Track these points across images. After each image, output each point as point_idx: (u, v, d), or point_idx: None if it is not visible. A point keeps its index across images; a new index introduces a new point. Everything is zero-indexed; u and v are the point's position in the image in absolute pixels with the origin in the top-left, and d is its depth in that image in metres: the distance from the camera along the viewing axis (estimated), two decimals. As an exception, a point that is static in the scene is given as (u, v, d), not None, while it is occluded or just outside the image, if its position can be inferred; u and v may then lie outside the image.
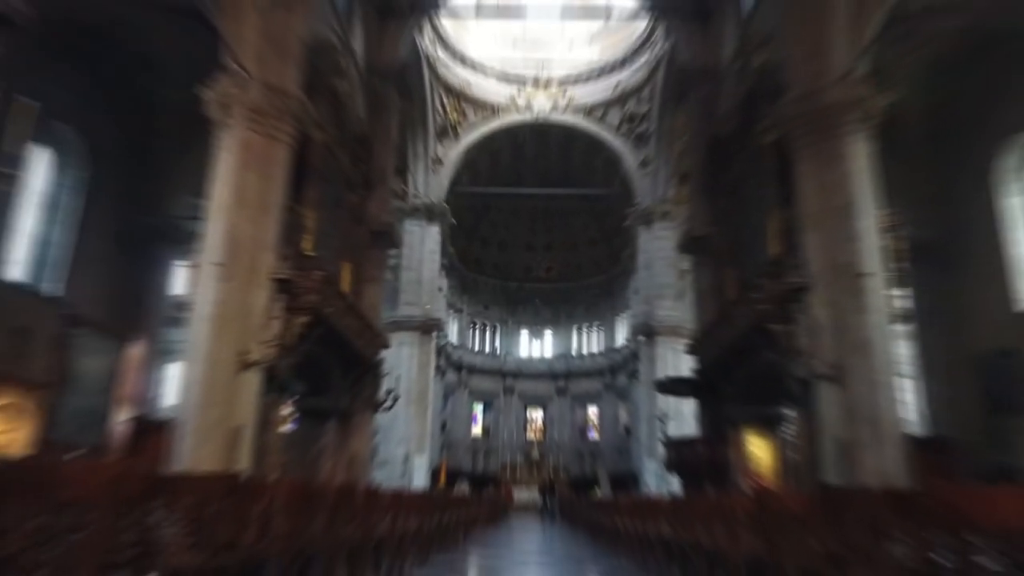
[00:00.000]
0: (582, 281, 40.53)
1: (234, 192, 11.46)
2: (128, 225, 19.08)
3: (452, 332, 37.77)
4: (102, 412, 11.60)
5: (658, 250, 28.75)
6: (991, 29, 15.64)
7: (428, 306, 28.76)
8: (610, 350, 39.02)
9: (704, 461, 16.32)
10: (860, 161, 11.60)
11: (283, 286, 11.94)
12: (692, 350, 18.13)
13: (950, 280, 17.81)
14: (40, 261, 16.61)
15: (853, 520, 3.30)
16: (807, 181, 11.90)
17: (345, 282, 16.36)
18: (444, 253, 32.38)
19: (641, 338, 28.96)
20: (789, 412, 14.37)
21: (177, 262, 19.51)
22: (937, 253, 17.94)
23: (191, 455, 10.02)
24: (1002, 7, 14.76)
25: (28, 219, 16.37)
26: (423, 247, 29.43)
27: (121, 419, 14.16)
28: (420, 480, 26.31)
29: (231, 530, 3.31)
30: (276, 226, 12.18)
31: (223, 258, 11.08)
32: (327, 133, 14.53)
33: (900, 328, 12.24)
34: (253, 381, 11.26)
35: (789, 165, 12.58)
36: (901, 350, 11.86)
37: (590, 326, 41.03)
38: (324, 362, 15.06)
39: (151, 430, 11.13)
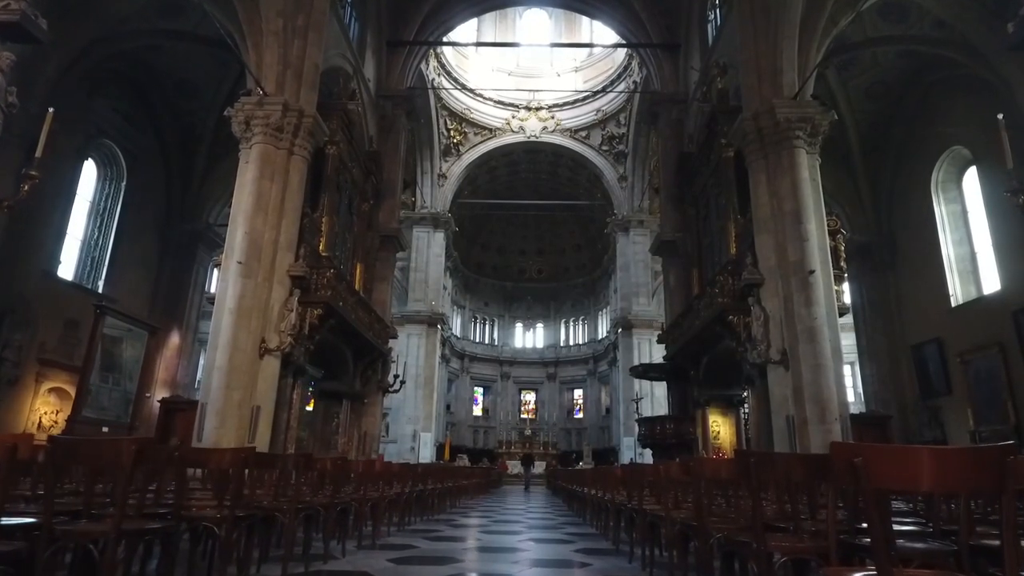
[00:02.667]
0: (569, 281, 40.23)
1: (254, 199, 11.17)
2: (169, 230, 18.78)
3: (456, 325, 37.44)
4: (135, 395, 11.31)
5: (634, 254, 28.52)
6: (924, 57, 15.37)
7: (433, 302, 28.49)
8: (593, 341, 38.71)
9: (672, 436, 16.07)
10: (807, 171, 11.33)
11: (299, 282, 11.66)
12: (662, 339, 17.84)
13: (890, 278, 17.56)
14: (89, 261, 16.30)
15: (774, 484, 3.01)
16: (761, 189, 11.64)
17: (357, 280, 16.09)
18: (448, 256, 32.12)
19: (620, 330, 28.74)
20: (746, 393, 14.12)
21: (213, 263, 19.23)
22: (878, 253, 17.70)
23: (214, 433, 9.73)
24: (933, 39, 14.49)
25: (79, 224, 16.07)
26: (430, 251, 29.16)
27: (154, 401, 13.86)
28: (427, 454, 25.99)
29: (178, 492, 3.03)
30: (293, 229, 11.90)
31: (244, 257, 10.80)
32: (340, 148, 14.24)
33: (842, 319, 11.94)
34: (271, 366, 10.98)
35: (745, 177, 12.36)
36: (843, 339, 11.56)
37: (576, 320, 40.73)
38: (338, 350, 14.78)
39: (180, 411, 10.83)
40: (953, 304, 15.36)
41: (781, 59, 11.92)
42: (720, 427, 15.48)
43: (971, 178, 15.46)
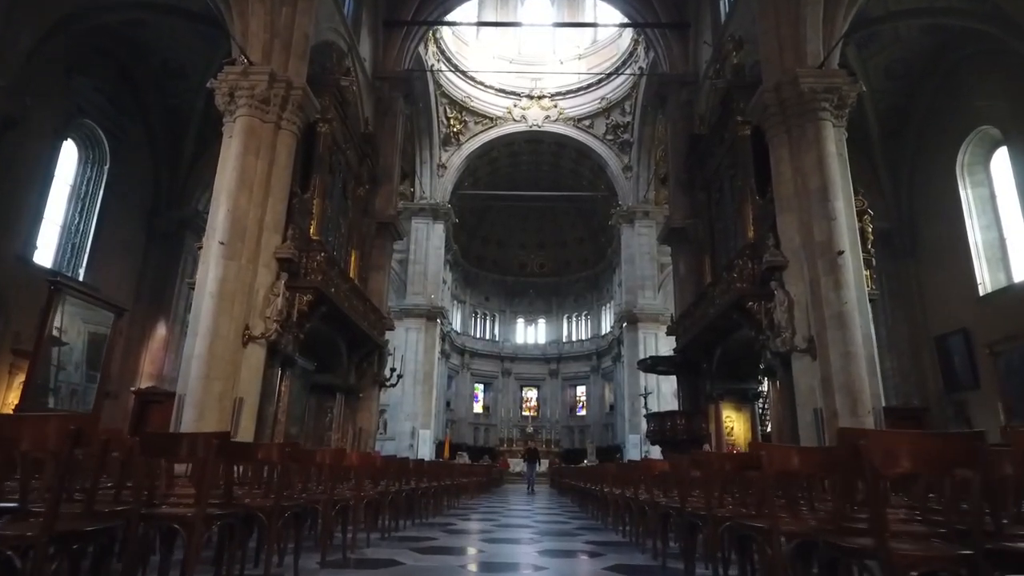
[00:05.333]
0: (571, 275, 39.40)
1: (238, 176, 10.39)
2: (156, 217, 17.97)
3: (456, 320, 36.62)
4: (99, 383, 10.45)
5: (639, 246, 27.74)
6: (949, 31, 14.58)
7: (433, 296, 27.68)
8: (596, 336, 37.89)
9: (684, 433, 15.29)
10: (834, 145, 10.54)
11: (287, 265, 10.88)
12: (672, 331, 17.05)
13: (912, 267, 16.76)
14: (69, 248, 15.49)
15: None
16: (783, 166, 10.85)
17: (352, 268, 15.29)
18: (448, 249, 31.29)
19: (624, 325, 27.95)
20: (764, 386, 13.35)
21: (198, 248, 18.45)
22: (900, 241, 16.89)
23: (192, 427, 8.93)
24: (961, 10, 13.68)
25: (58, 208, 15.24)
26: (429, 243, 28.36)
27: (132, 391, 13.03)
28: (426, 452, 25.20)
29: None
30: (281, 209, 11.15)
31: (227, 237, 10.02)
32: (333, 127, 13.43)
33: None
34: (256, 355, 10.20)
35: (764, 155, 11.59)
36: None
37: (579, 315, 39.88)
38: (331, 341, 13.99)
39: (157, 403, 10.02)
40: (981, 293, 14.56)
41: (805, 26, 11.13)
42: (734, 423, 14.70)
43: (1000, 159, 14.64)
